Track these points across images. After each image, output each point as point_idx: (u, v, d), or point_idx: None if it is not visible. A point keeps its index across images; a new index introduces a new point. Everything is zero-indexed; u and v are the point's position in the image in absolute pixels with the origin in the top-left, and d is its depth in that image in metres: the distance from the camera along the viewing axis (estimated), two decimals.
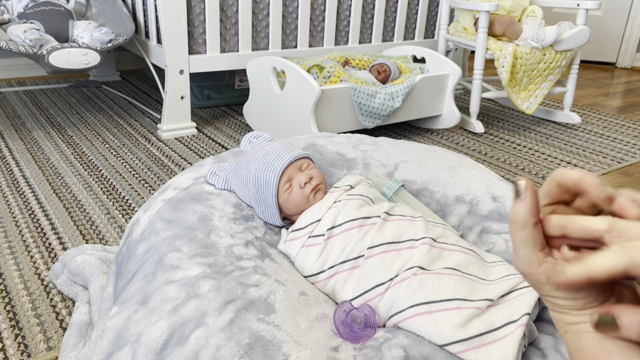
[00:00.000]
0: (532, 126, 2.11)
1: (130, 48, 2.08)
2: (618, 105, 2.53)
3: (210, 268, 0.70)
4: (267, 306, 0.65)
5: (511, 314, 0.63)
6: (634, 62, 3.35)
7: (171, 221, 0.79)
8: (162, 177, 1.48)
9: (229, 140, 1.80)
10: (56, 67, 1.59)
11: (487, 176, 1.00)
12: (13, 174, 1.46)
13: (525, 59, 1.87)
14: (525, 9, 2.06)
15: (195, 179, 0.90)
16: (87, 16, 1.99)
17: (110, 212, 1.28)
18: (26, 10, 1.83)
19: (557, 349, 0.67)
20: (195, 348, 0.60)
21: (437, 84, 1.86)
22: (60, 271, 0.96)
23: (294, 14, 1.93)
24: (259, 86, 1.78)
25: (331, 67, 1.69)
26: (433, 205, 0.96)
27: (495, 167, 1.68)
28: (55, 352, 0.84)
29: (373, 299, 0.69)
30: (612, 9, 3.28)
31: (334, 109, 1.64)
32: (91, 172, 1.49)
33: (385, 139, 1.09)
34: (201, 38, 1.77)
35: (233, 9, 1.80)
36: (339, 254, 0.74)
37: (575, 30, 1.89)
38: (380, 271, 0.70)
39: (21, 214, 1.24)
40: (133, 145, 1.70)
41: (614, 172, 1.71)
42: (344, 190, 0.82)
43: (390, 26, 2.20)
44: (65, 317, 0.91)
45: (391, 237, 0.73)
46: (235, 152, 1.01)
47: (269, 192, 0.81)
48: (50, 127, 1.83)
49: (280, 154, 0.83)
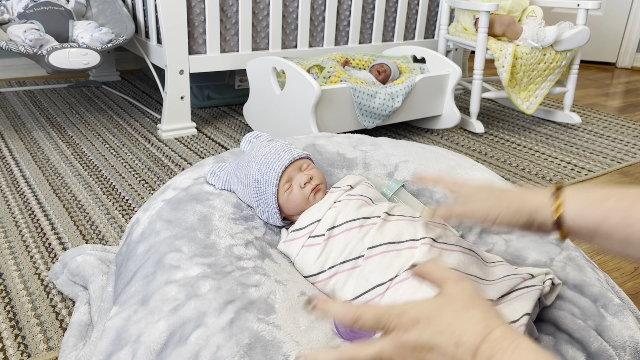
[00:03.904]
0: (532, 126, 2.11)
1: (130, 48, 2.08)
2: (618, 105, 2.53)
3: (210, 268, 0.70)
4: (267, 306, 0.65)
5: (511, 314, 0.63)
6: (634, 62, 3.35)
7: (171, 221, 0.79)
8: (162, 177, 1.48)
9: (229, 140, 1.80)
10: (56, 67, 1.59)
11: (487, 176, 1.00)
12: (13, 174, 1.46)
13: (525, 59, 1.87)
14: (525, 9, 2.06)
15: (195, 179, 0.90)
16: (87, 16, 1.99)
17: (110, 212, 1.28)
18: (26, 10, 1.83)
19: (557, 349, 0.67)
20: (195, 348, 0.60)
21: (437, 84, 1.86)
22: (60, 271, 0.96)
23: (294, 14, 1.93)
24: (259, 86, 1.78)
25: (331, 67, 1.69)
26: (433, 206, 0.96)
27: (495, 167, 1.68)
28: (55, 352, 0.84)
29: (373, 299, 0.69)
30: (612, 9, 3.28)
31: (334, 109, 1.64)
32: (91, 172, 1.49)
33: (385, 139, 1.09)
34: (201, 38, 1.77)
35: (233, 9, 1.80)
36: (339, 254, 0.74)
37: (575, 30, 1.89)
38: (381, 271, 0.70)
39: (21, 214, 1.24)
40: (133, 145, 1.70)
41: (614, 172, 1.70)
42: (344, 191, 0.82)
43: (390, 26, 2.20)
44: (65, 317, 0.91)
45: (391, 237, 0.73)
46: (235, 152, 1.01)
47: (269, 192, 0.81)
48: (50, 127, 1.83)
49: (280, 154, 0.83)
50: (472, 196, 0.64)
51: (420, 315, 0.46)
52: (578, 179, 1.62)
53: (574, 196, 0.57)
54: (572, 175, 1.64)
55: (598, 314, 0.71)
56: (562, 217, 0.57)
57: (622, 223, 0.52)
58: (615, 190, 0.55)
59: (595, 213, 0.54)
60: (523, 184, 1.56)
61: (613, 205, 0.54)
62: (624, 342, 0.68)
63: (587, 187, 0.57)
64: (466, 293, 0.49)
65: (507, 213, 0.60)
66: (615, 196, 0.54)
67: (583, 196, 0.56)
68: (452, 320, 0.46)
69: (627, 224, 0.52)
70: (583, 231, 0.56)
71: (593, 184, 0.59)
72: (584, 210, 0.55)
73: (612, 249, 0.55)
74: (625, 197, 0.53)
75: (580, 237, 0.57)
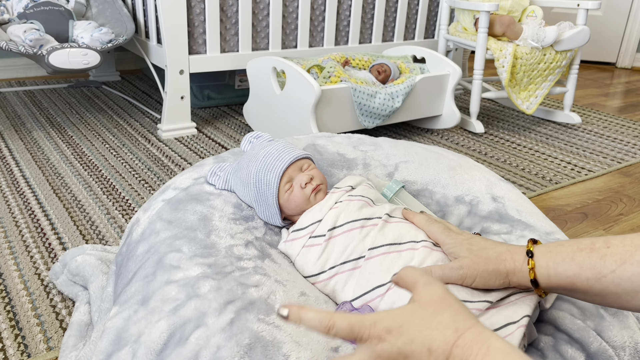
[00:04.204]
0: (532, 126, 2.11)
1: (130, 48, 2.08)
2: (618, 105, 2.53)
3: (211, 268, 0.70)
4: (267, 306, 0.65)
5: (511, 316, 0.63)
6: (634, 62, 3.35)
7: (171, 221, 0.79)
8: (162, 177, 1.48)
9: (229, 140, 1.80)
10: (56, 67, 1.59)
11: (487, 176, 1.00)
12: (13, 174, 1.46)
13: (525, 59, 1.87)
14: (525, 9, 2.06)
15: (195, 179, 0.90)
16: (87, 16, 1.99)
17: (110, 212, 1.28)
18: (26, 10, 1.83)
19: (557, 349, 0.67)
20: (196, 348, 0.60)
21: (437, 84, 1.86)
22: (60, 271, 0.96)
23: (294, 14, 1.93)
24: (259, 86, 1.78)
25: (331, 67, 1.69)
26: (433, 206, 0.96)
27: (495, 167, 1.68)
28: (55, 352, 0.84)
29: (373, 300, 0.69)
30: (612, 9, 3.28)
31: (334, 109, 1.64)
32: (91, 172, 1.49)
33: (386, 139, 1.09)
34: (201, 38, 1.77)
35: (233, 9, 1.80)
36: (340, 255, 0.74)
37: (575, 30, 1.89)
38: (381, 272, 0.70)
39: (21, 214, 1.24)
40: (133, 145, 1.70)
41: (614, 172, 1.71)
42: (345, 191, 0.82)
43: (390, 26, 2.20)
44: (65, 317, 0.91)
45: (392, 239, 0.73)
46: (235, 152, 1.00)
47: (270, 193, 0.81)
48: (50, 127, 1.83)
49: (281, 154, 0.83)
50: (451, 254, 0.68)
51: (391, 324, 0.48)
52: (578, 179, 1.62)
53: (546, 255, 0.59)
54: (572, 175, 1.64)
55: (597, 314, 0.71)
56: (537, 278, 0.59)
57: (593, 278, 0.55)
58: (585, 243, 0.57)
59: (567, 271, 0.57)
60: (522, 182, 1.56)
61: (582, 261, 0.56)
62: (623, 342, 0.68)
63: (557, 244, 0.59)
64: (435, 297, 0.50)
65: (483, 277, 0.62)
66: (584, 250, 0.56)
67: (554, 253, 0.58)
68: (423, 327, 0.47)
69: (597, 279, 0.54)
70: (559, 288, 0.58)
71: (563, 240, 0.61)
72: (557, 268, 0.57)
73: (593, 301, 0.57)
74: (594, 250, 0.55)
75: (558, 292, 0.60)
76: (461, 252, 0.66)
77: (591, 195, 1.52)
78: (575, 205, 1.45)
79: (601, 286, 0.54)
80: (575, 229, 1.32)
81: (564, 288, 0.58)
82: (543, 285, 0.59)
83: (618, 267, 0.53)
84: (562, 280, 0.57)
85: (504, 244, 0.65)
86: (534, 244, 0.61)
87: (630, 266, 0.52)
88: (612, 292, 0.54)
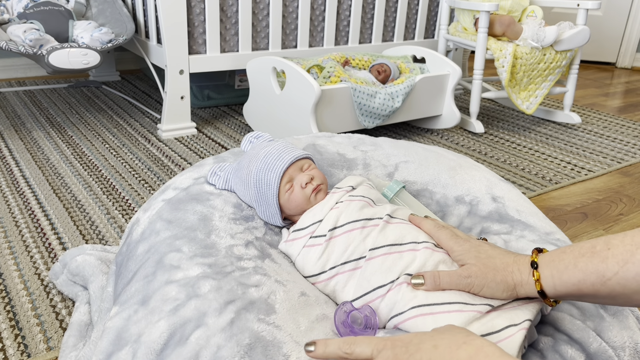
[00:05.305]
0: (532, 126, 2.11)
1: (130, 48, 2.08)
2: (618, 105, 2.53)
3: (211, 268, 0.70)
4: (268, 306, 0.65)
5: (512, 319, 0.63)
6: (634, 62, 3.35)
7: (171, 221, 0.79)
8: (162, 177, 1.48)
9: (229, 140, 1.80)
10: (56, 67, 1.59)
11: (487, 176, 1.00)
12: (13, 174, 1.46)
13: (525, 59, 1.87)
14: (525, 9, 2.06)
15: (195, 179, 0.90)
16: (87, 16, 1.99)
17: (110, 212, 1.28)
18: (26, 10, 1.83)
19: (556, 350, 0.67)
20: (196, 348, 0.60)
21: (437, 84, 1.86)
22: (60, 271, 0.96)
23: (294, 14, 1.93)
24: (259, 86, 1.78)
25: (331, 67, 1.69)
26: (433, 206, 0.96)
27: (495, 167, 1.68)
28: (55, 352, 0.84)
29: (374, 300, 0.69)
30: (612, 9, 3.28)
31: (334, 109, 1.64)
32: (91, 172, 1.49)
33: (386, 139, 1.09)
34: (201, 38, 1.77)
35: (233, 9, 1.80)
36: (341, 255, 0.74)
37: (575, 30, 1.89)
38: (382, 273, 0.70)
39: (21, 214, 1.24)
40: (133, 145, 1.70)
41: (614, 172, 1.71)
42: (346, 191, 0.82)
43: (390, 26, 2.20)
44: (65, 317, 0.91)
45: (393, 240, 0.73)
46: (235, 152, 1.00)
47: (270, 193, 0.81)
48: (50, 127, 1.83)
49: (281, 154, 0.82)
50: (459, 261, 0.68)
51: None
52: (578, 179, 1.62)
53: (549, 265, 0.59)
54: (572, 175, 1.64)
55: (597, 315, 0.71)
56: (544, 289, 0.59)
57: (598, 282, 0.55)
58: (586, 247, 0.57)
59: (571, 278, 0.57)
60: (522, 182, 1.56)
61: (585, 267, 0.56)
62: (623, 342, 0.68)
63: (560, 252, 0.60)
64: None
65: (491, 287, 0.63)
66: (586, 255, 0.56)
67: (557, 261, 0.59)
68: None
69: (602, 282, 0.54)
70: (568, 295, 0.59)
71: (565, 247, 0.61)
72: (561, 277, 0.58)
73: (606, 303, 0.57)
74: (595, 254, 0.56)
75: (569, 299, 0.60)
76: (469, 259, 0.66)
77: (591, 195, 1.52)
78: (575, 205, 1.46)
79: (608, 289, 0.54)
80: (575, 229, 1.32)
81: (572, 295, 0.58)
82: (551, 295, 0.59)
83: (621, 269, 0.53)
84: (569, 288, 0.57)
85: (511, 254, 0.65)
86: (539, 253, 0.61)
87: (633, 266, 0.52)
88: (620, 293, 0.54)
